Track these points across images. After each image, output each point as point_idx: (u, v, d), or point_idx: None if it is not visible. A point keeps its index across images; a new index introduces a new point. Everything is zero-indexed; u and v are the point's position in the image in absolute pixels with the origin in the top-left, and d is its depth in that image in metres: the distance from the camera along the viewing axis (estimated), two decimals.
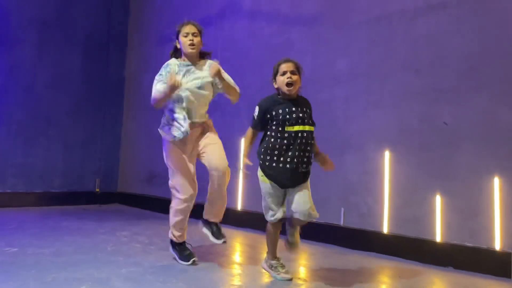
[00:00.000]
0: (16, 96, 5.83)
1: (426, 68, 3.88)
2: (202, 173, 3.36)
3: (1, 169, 5.70)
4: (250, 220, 4.94)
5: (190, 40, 3.21)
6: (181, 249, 3.31)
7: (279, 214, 2.90)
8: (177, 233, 3.30)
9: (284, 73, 2.83)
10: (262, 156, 2.87)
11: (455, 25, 3.74)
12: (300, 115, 2.82)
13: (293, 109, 2.81)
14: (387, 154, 4.07)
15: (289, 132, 2.78)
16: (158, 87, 3.14)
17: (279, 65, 2.89)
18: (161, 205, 5.89)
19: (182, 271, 3.09)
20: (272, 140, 2.82)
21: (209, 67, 3.25)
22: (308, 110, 2.92)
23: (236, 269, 3.27)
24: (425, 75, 3.88)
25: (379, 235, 4.04)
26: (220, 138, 3.32)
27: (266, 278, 3.03)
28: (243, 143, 2.76)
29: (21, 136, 5.86)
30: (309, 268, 3.38)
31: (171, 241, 3.36)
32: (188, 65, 3.26)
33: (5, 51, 5.72)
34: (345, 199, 4.31)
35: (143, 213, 5.78)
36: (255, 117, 2.88)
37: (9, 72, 5.77)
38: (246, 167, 2.89)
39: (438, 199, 3.72)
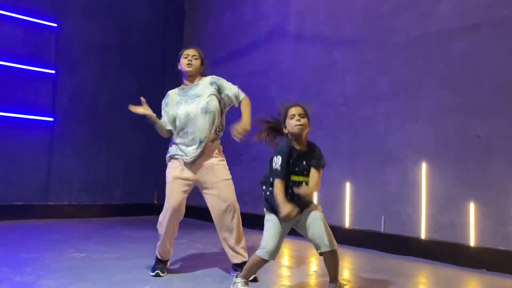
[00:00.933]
0: (81, 115, 6.46)
1: (461, 85, 4.10)
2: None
3: (67, 183, 6.30)
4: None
5: (188, 60, 3.28)
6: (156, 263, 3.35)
7: (270, 253, 2.68)
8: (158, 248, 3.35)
9: (293, 116, 2.80)
10: (264, 188, 2.82)
11: (488, 44, 3.96)
12: (306, 167, 2.76)
13: (304, 163, 2.77)
14: (424, 166, 4.30)
15: (293, 181, 2.72)
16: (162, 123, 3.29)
17: (287, 109, 2.86)
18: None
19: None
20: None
21: (212, 83, 3.26)
22: (310, 162, 2.79)
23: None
24: (460, 92, 4.10)
25: (417, 240, 4.28)
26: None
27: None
28: (276, 195, 2.63)
29: (85, 153, 6.47)
30: (352, 271, 3.64)
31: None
32: (189, 89, 3.29)
33: (70, 74, 6.38)
34: (385, 208, 4.57)
35: (197, 223, 6.19)
36: (279, 167, 2.68)
37: (74, 94, 6.41)
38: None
39: (472, 207, 3.95)
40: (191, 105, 3.21)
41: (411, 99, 4.47)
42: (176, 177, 3.22)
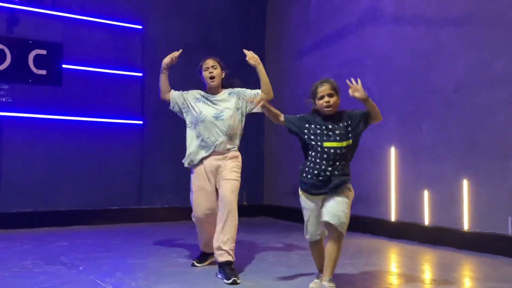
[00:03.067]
0: (169, 117, 6.38)
1: None
2: None
3: (158, 187, 6.36)
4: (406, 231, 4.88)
5: (210, 73, 3.61)
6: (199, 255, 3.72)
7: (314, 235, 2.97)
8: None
9: (321, 97, 2.90)
10: (300, 170, 2.98)
11: None
12: (337, 131, 2.88)
13: (330, 126, 2.90)
14: None
15: (322, 147, 2.87)
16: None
17: (316, 88, 2.94)
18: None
19: (345, 277, 3.18)
20: (310, 153, 2.95)
21: (229, 95, 3.59)
22: (345, 123, 2.91)
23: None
24: None
25: None
26: (368, 149, 3.25)
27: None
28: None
29: (174, 155, 6.42)
30: (474, 280, 3.25)
31: None
32: (209, 96, 3.63)
33: (157, 76, 6.27)
34: None
35: (291, 225, 5.99)
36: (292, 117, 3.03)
37: None
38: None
39: None
40: (206, 111, 3.55)
41: None
42: (202, 188, 3.50)
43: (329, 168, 2.83)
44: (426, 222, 4.76)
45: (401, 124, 5.06)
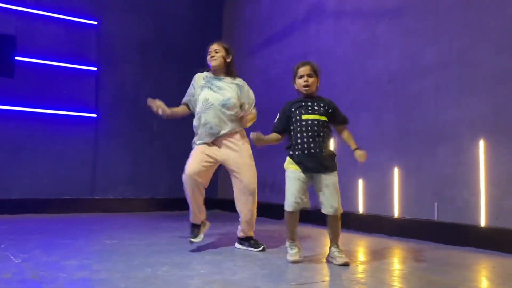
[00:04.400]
0: (123, 111, 6.55)
1: None
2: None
3: (113, 177, 6.41)
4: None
5: (211, 56, 3.64)
6: (191, 227, 3.71)
7: (297, 199, 3.07)
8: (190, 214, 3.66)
9: (301, 77, 3.10)
10: (288, 149, 3.15)
11: None
12: (316, 107, 3.09)
13: (309, 103, 3.11)
14: (482, 143, 3.86)
15: (306, 120, 3.05)
16: (184, 101, 3.82)
17: (297, 68, 3.15)
18: (259, 210, 6.10)
19: (259, 260, 3.24)
20: (293, 133, 3.11)
21: (236, 85, 3.62)
22: (326, 106, 3.13)
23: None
24: None
25: (476, 228, 3.85)
26: None
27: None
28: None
29: (129, 147, 6.54)
30: (403, 263, 3.30)
31: None
32: (214, 78, 3.64)
33: (111, 71, 6.49)
34: (439, 193, 4.16)
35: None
36: (275, 121, 3.21)
37: (116, 90, 6.52)
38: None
39: None
40: (213, 97, 3.55)
41: (465, 69, 4.05)
42: (202, 152, 3.54)
43: (311, 142, 3.01)
44: (361, 210, 4.84)
45: None
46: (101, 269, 2.80)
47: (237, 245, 3.72)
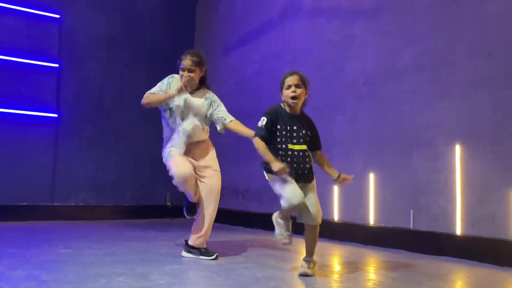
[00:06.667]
0: (86, 111, 6.39)
1: (498, 50, 3.69)
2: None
3: (74, 183, 6.24)
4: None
5: (186, 76, 3.62)
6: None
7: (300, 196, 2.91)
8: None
9: (289, 87, 3.02)
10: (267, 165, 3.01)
11: None
12: (301, 133, 3.06)
13: (295, 127, 3.05)
14: (458, 149, 3.90)
15: (292, 150, 3.01)
16: (155, 93, 3.71)
17: (284, 78, 3.07)
18: (229, 217, 6.06)
19: (226, 270, 3.18)
20: (277, 154, 3.00)
21: (205, 99, 3.72)
22: (308, 132, 3.10)
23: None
24: (497, 59, 3.70)
25: (451, 237, 3.88)
26: None
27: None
28: (262, 154, 2.97)
29: (92, 151, 6.39)
30: (378, 274, 3.28)
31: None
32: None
33: (74, 69, 6.34)
34: (414, 200, 4.18)
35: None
36: (262, 126, 3.01)
37: (79, 88, 6.36)
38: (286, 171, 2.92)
39: None
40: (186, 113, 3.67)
41: (440, 72, 4.09)
42: (180, 154, 3.65)
43: (298, 169, 3.00)
44: (336, 218, 4.82)
45: (316, 117, 5.09)
46: (49, 280, 2.70)
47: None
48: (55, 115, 6.13)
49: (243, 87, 6.16)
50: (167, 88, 3.72)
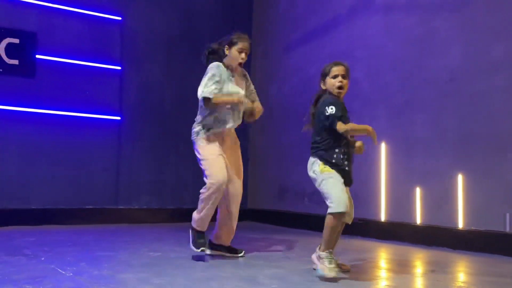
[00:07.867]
0: (148, 113, 6.44)
1: None
2: None
3: (136, 186, 6.29)
4: (396, 232, 4.84)
5: (242, 58, 3.67)
6: (198, 236, 3.58)
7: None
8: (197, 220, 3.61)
9: (335, 76, 3.07)
10: (318, 151, 3.08)
11: None
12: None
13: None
14: None
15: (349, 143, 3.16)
16: (217, 91, 3.64)
17: (330, 67, 3.11)
18: (295, 220, 6.02)
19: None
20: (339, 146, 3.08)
21: (243, 78, 3.82)
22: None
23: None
24: None
25: None
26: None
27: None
28: (353, 129, 3.07)
29: (153, 153, 6.43)
30: (468, 274, 3.19)
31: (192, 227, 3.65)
32: (230, 75, 3.73)
33: (135, 70, 6.39)
34: (509, 203, 4.03)
35: (277, 229, 5.95)
36: (337, 111, 2.99)
37: (140, 90, 6.41)
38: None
39: None
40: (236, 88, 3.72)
41: None
42: (220, 155, 3.66)
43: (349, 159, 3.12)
44: (418, 221, 4.71)
45: (393, 117, 5.04)
46: (164, 283, 2.71)
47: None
48: (118, 118, 6.20)
49: (306, 87, 6.09)
50: (221, 79, 3.69)
